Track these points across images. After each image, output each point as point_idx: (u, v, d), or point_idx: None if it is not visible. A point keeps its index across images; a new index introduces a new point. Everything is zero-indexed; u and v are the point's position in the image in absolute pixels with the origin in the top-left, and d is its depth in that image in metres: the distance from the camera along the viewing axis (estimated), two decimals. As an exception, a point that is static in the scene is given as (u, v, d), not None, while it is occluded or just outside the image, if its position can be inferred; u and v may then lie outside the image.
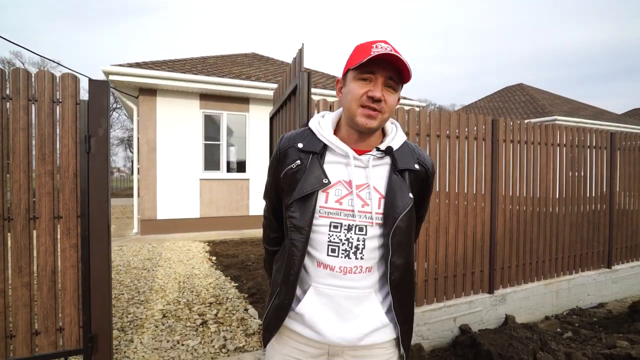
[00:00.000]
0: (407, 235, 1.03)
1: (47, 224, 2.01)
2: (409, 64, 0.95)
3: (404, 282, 1.05)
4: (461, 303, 3.35)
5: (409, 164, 1.06)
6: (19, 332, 1.96)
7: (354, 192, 1.01)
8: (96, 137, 2.07)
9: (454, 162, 3.32)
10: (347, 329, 1.02)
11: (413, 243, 1.10)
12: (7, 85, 1.93)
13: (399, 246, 1.01)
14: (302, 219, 1.01)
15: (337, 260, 1.01)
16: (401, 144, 1.09)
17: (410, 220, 1.04)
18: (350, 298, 1.02)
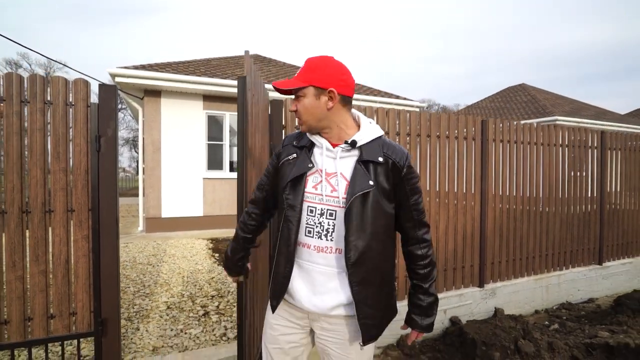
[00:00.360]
0: (367, 219, 1.17)
1: (61, 217, 2.19)
2: (289, 78, 1.25)
3: (362, 263, 1.18)
4: (451, 296, 3.50)
5: (373, 156, 1.21)
6: (36, 315, 2.15)
7: (323, 178, 1.21)
8: (105, 137, 2.25)
9: (444, 160, 3.47)
10: (319, 300, 1.22)
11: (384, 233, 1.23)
12: (25, 89, 2.11)
13: (356, 227, 1.16)
14: (295, 199, 1.23)
15: (312, 240, 1.22)
16: (371, 139, 1.25)
17: (374, 207, 1.19)
18: (323, 274, 1.21)
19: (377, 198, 1.19)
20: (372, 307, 1.22)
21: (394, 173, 1.23)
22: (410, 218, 1.28)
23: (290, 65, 11.73)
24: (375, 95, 10.15)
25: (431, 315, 1.33)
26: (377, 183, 1.20)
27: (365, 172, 1.19)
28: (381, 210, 1.21)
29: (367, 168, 1.20)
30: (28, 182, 2.13)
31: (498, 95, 19.89)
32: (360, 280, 1.19)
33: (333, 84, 1.19)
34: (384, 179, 1.21)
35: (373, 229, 1.19)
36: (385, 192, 1.21)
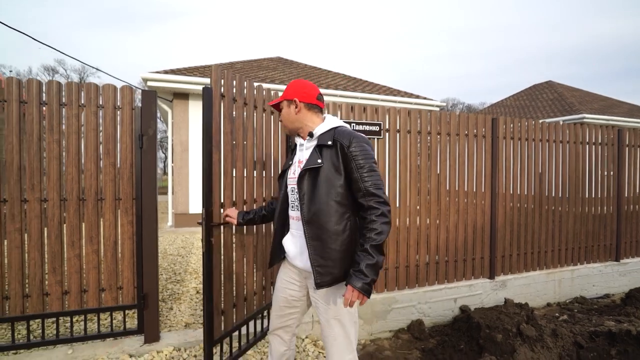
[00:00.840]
0: (318, 190, 1.54)
1: (110, 204, 2.55)
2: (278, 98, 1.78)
3: (312, 222, 1.54)
4: (462, 286, 3.67)
5: (325, 141, 1.58)
6: (90, 288, 2.51)
7: (295, 164, 1.69)
8: (147, 136, 2.59)
9: (455, 157, 3.65)
10: (301, 258, 1.63)
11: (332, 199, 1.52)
12: (81, 95, 2.48)
13: (308, 196, 1.56)
14: (280, 186, 1.79)
15: (293, 212, 1.69)
16: (327, 129, 1.63)
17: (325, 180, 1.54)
18: (301, 237, 1.60)
19: (327, 172, 1.54)
20: (323, 257, 1.51)
21: (341, 152, 1.54)
22: (359, 189, 1.51)
23: (311, 67, 12.03)
24: (394, 95, 10.28)
25: (367, 277, 1.43)
26: (326, 161, 1.54)
27: (318, 154, 1.57)
28: (330, 182, 1.53)
29: (320, 151, 1.58)
30: (84, 175, 2.49)
31: (523, 93, 19.47)
32: (312, 236, 1.53)
33: (296, 95, 1.67)
34: (335, 157, 1.54)
35: (323, 197, 1.52)
36: (335, 167, 1.54)
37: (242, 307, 2.44)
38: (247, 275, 2.46)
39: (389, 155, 3.36)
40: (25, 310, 2.42)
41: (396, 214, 3.38)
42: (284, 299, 1.77)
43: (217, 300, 2.21)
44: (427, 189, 3.52)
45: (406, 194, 3.41)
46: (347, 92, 9.46)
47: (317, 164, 1.54)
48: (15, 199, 2.37)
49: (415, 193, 3.45)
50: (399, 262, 3.40)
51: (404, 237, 3.41)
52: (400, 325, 3.38)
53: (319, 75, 10.95)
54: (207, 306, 2.13)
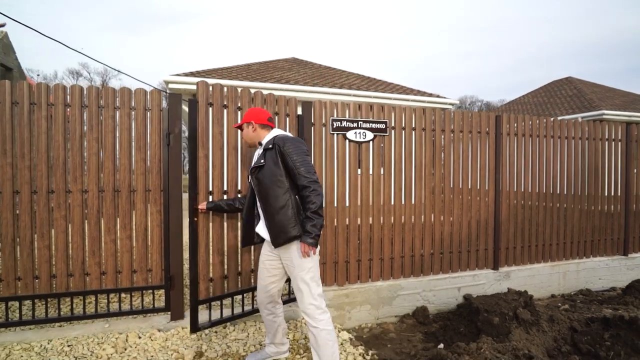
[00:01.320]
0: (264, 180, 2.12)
1: (141, 195, 2.86)
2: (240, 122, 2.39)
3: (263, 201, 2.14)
4: (465, 275, 3.84)
5: (267, 146, 2.19)
6: (123, 269, 2.84)
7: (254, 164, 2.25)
8: (173, 134, 2.89)
9: (458, 152, 3.82)
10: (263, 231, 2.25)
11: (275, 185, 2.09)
12: (116, 99, 2.80)
13: (259, 184, 2.16)
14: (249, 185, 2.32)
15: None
16: (270, 138, 2.24)
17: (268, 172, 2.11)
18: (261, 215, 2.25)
19: (270, 167, 2.12)
20: (273, 224, 2.10)
21: (278, 152, 2.13)
22: (295, 175, 2.08)
23: (326, 67, 12.26)
24: (408, 93, 10.40)
25: (311, 233, 2.01)
26: (268, 160, 2.14)
27: (262, 156, 2.18)
28: (272, 174, 2.11)
29: (264, 154, 2.17)
30: (118, 169, 2.82)
31: (542, 89, 19.17)
32: (265, 212, 2.15)
33: (253, 119, 2.29)
34: (274, 156, 2.13)
35: (268, 184, 2.11)
36: (274, 162, 2.12)
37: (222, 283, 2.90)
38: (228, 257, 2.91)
39: (394, 151, 3.57)
40: (69, 287, 2.76)
41: (401, 208, 3.59)
42: (265, 270, 2.32)
43: (203, 268, 2.74)
44: (431, 184, 3.71)
45: (411, 188, 3.61)
46: (361, 91, 9.64)
47: (260, 163, 2.16)
48: (61, 190, 2.71)
49: (420, 187, 3.65)
50: (405, 252, 3.61)
51: (409, 228, 3.61)
52: (405, 311, 3.59)
53: (333, 75, 11.17)
54: (192, 271, 2.68)
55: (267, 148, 2.18)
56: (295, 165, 2.07)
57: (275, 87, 8.77)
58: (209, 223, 2.78)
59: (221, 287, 2.86)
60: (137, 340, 2.69)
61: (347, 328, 3.30)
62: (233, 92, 2.98)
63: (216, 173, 2.83)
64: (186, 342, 2.71)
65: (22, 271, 2.69)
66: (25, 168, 2.66)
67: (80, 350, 2.55)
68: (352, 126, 3.39)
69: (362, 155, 3.43)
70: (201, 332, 2.83)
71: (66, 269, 2.75)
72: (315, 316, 2.12)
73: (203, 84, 2.77)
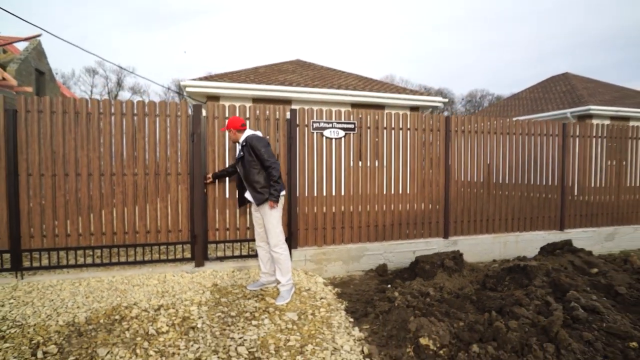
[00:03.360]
0: (245, 165, 3.40)
1: (174, 177, 4.03)
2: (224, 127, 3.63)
3: (246, 179, 3.42)
4: (420, 242, 4.94)
5: (243, 143, 3.45)
6: (162, 230, 4.02)
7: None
8: (197, 134, 4.05)
9: (414, 145, 4.90)
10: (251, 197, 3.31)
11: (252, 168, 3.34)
12: (156, 109, 3.97)
13: (242, 168, 3.46)
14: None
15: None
16: (244, 138, 3.46)
17: (246, 160, 3.39)
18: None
19: (246, 156, 3.37)
20: (254, 192, 3.37)
21: (250, 146, 3.35)
22: (261, 160, 3.31)
23: (327, 69, 13.31)
24: (400, 93, 11.38)
25: (273, 194, 3.27)
26: (245, 152, 3.38)
27: (241, 149, 3.44)
28: (249, 161, 3.36)
29: (242, 148, 3.42)
30: (158, 157, 3.99)
31: (539, 85, 19.82)
32: (248, 184, 3.40)
33: (232, 126, 3.48)
34: (249, 149, 3.36)
35: (247, 168, 3.38)
36: (249, 153, 3.35)
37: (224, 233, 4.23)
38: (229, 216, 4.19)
39: (361, 145, 4.66)
40: (125, 241, 3.97)
41: (366, 187, 4.69)
42: (255, 220, 3.64)
43: (211, 221, 4.10)
44: (391, 171, 4.80)
45: (374, 173, 4.71)
46: (357, 91, 10.68)
47: (240, 154, 3.44)
48: (119, 173, 3.91)
49: (382, 172, 4.75)
50: (370, 222, 4.72)
51: (372, 204, 4.72)
52: (370, 267, 4.71)
53: (333, 76, 12.23)
54: (204, 223, 4.10)
55: (243, 145, 3.42)
56: (260, 153, 3.30)
57: (279, 88, 9.90)
58: (215, 192, 4.08)
59: (224, 235, 4.18)
60: (172, 277, 3.89)
61: (324, 277, 4.43)
62: (231, 108, 4.12)
63: (219, 161, 4.00)
64: (206, 280, 3.88)
65: (95, 229, 3.91)
66: (95, 158, 3.86)
67: (135, 282, 3.75)
68: (327, 126, 4.50)
69: (335, 148, 4.55)
70: (215, 272, 4.01)
71: (123, 228, 3.95)
72: (279, 245, 3.44)
73: (211, 105, 3.96)
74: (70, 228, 3.88)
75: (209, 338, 2.66)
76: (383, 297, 3.46)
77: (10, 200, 3.69)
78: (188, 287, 3.63)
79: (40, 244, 3.80)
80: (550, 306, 2.95)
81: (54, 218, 3.82)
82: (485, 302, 3.21)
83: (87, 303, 3.20)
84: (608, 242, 6.01)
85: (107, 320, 2.90)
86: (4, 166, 3.67)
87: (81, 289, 3.52)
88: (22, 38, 13.38)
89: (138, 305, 3.15)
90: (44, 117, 3.74)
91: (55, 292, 3.43)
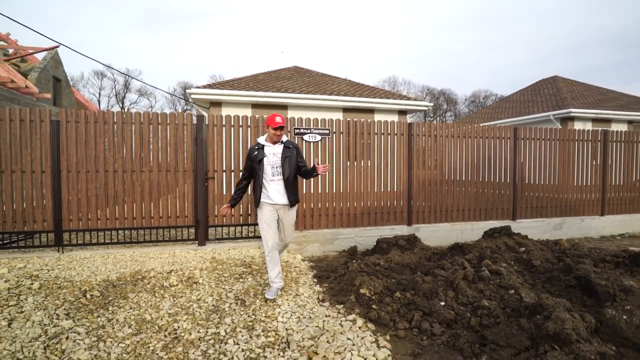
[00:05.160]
0: (289, 166, 3.61)
1: (181, 173, 5.04)
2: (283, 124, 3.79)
3: (289, 184, 3.62)
4: (386, 228, 5.89)
5: (287, 145, 3.70)
6: (171, 215, 5.02)
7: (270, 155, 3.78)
8: (199, 138, 5.05)
9: (380, 147, 5.85)
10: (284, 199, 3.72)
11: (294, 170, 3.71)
12: (167, 119, 4.97)
13: (286, 171, 3.60)
14: (260, 168, 3.66)
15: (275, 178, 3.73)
16: (286, 140, 3.84)
17: (290, 162, 3.65)
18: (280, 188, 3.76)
19: (294, 159, 3.63)
20: (292, 195, 3.63)
21: (296, 148, 3.77)
22: (303, 164, 3.74)
23: (322, 75, 14.29)
24: (389, 97, 12.32)
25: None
26: (290, 154, 3.63)
27: (283, 149, 3.63)
28: (294, 163, 3.66)
29: (287, 149, 3.63)
30: (168, 157, 4.99)
31: (529, 88, 20.63)
32: (289, 186, 3.59)
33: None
34: (294, 152, 3.66)
35: (292, 169, 3.62)
36: (293, 156, 3.72)
37: (222, 219, 5.02)
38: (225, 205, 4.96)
39: (335, 147, 5.62)
40: (143, 224, 4.98)
41: (340, 183, 5.65)
42: (273, 220, 3.58)
43: (211, 209, 5.05)
44: (360, 167, 5.76)
45: (347, 170, 5.67)
46: (348, 97, 11.64)
47: (285, 155, 3.57)
48: (137, 170, 4.91)
49: (352, 170, 5.71)
50: (343, 211, 5.69)
51: (345, 196, 5.68)
52: (343, 248, 5.68)
53: (327, 82, 13.20)
54: (205, 210, 4.89)
55: (288, 146, 3.60)
56: (302, 158, 3.72)
57: (276, 95, 10.90)
58: (214, 187, 5.02)
59: (221, 220, 5.13)
60: (180, 253, 4.88)
61: (303, 255, 5.40)
62: (227, 118, 5.12)
63: (217, 161, 4.98)
64: (207, 255, 4.87)
65: (119, 215, 4.92)
66: (119, 158, 4.87)
67: (151, 256, 4.75)
68: (307, 132, 5.47)
69: (313, 151, 5.52)
70: (214, 250, 5.00)
71: (141, 214, 4.96)
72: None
73: (212, 115, 4.92)
74: (100, 214, 4.90)
75: (207, 288, 3.65)
76: (345, 267, 4.43)
77: (55, 191, 4.72)
78: (192, 259, 4.62)
79: (77, 225, 4.82)
80: (466, 270, 3.89)
81: (87, 205, 4.83)
82: (420, 269, 4.16)
83: (115, 269, 4.20)
84: (557, 231, 6.91)
85: (132, 278, 3.89)
86: (50, 165, 4.70)
87: (109, 260, 4.53)
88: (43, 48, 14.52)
89: (154, 270, 4.14)
90: (79, 126, 4.76)
91: (89, 262, 4.44)
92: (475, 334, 2.83)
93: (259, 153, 3.59)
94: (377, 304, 3.36)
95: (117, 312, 3.13)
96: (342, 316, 3.17)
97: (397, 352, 2.64)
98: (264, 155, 3.57)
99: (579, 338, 2.40)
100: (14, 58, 13.07)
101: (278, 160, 3.57)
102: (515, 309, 3.04)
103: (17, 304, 3.23)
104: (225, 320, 3.00)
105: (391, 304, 3.32)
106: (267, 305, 3.33)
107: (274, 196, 3.56)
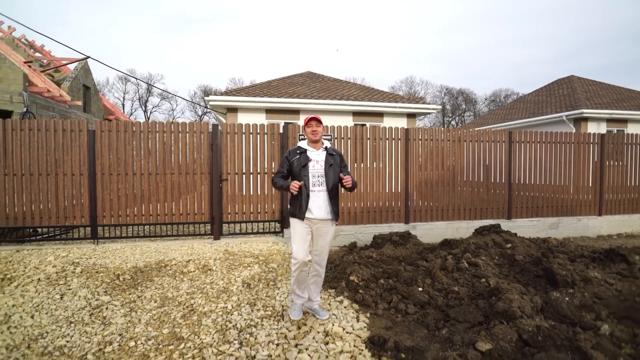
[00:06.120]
0: (333, 176, 3.12)
1: (199, 175, 5.70)
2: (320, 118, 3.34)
3: (333, 195, 3.14)
4: (384, 226, 6.38)
5: (331, 152, 3.20)
6: (190, 212, 5.69)
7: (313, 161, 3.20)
8: (215, 144, 5.70)
9: (379, 150, 6.35)
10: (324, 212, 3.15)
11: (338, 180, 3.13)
12: (187, 127, 5.64)
13: (330, 180, 3.11)
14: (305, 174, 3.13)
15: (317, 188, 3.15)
16: (328, 146, 3.30)
17: (334, 170, 3.13)
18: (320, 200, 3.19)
19: (335, 167, 3.12)
20: (334, 207, 3.11)
21: (339, 156, 3.23)
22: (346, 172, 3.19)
23: (334, 80, 14.83)
24: (397, 101, 12.74)
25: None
26: (335, 161, 3.14)
27: (328, 156, 3.14)
28: (336, 171, 3.13)
29: (330, 156, 3.14)
30: (188, 161, 5.66)
31: (544, 88, 20.53)
32: (332, 197, 3.10)
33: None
34: (336, 158, 3.17)
35: (335, 179, 3.12)
36: (337, 164, 3.15)
37: (234, 216, 5.61)
38: (238, 204, 5.57)
39: (337, 151, 6.16)
40: (165, 220, 5.66)
41: (341, 183, 6.19)
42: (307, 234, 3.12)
43: (225, 206, 5.65)
44: (361, 169, 6.28)
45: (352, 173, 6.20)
46: (357, 101, 12.14)
47: (332, 162, 3.12)
48: (161, 173, 5.60)
49: (354, 172, 6.23)
50: (344, 210, 6.22)
51: (346, 196, 6.21)
52: (344, 243, 6.21)
53: (338, 87, 13.74)
54: (220, 208, 5.35)
55: (331, 153, 3.15)
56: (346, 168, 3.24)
57: (289, 101, 11.52)
58: (228, 188, 5.62)
59: (234, 217, 5.70)
60: (197, 246, 5.53)
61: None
62: (239, 126, 5.74)
63: (230, 164, 5.61)
64: (221, 247, 5.51)
65: (145, 212, 5.63)
66: (145, 162, 5.58)
67: (172, 248, 5.42)
68: (310, 138, 6.03)
69: (317, 154, 6.08)
70: (227, 243, 5.63)
71: (163, 211, 5.65)
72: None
73: (225, 124, 5.52)
74: (129, 211, 5.62)
75: (219, 274, 4.27)
76: (341, 259, 4.96)
77: (91, 191, 5.47)
78: (208, 251, 5.26)
79: (109, 221, 5.55)
80: (446, 261, 4.36)
81: (118, 204, 5.56)
82: (407, 260, 4.65)
83: (142, 258, 4.88)
84: (552, 230, 7.20)
85: (157, 266, 4.56)
86: (87, 168, 5.44)
87: (137, 251, 5.22)
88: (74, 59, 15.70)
89: (175, 259, 4.80)
90: (112, 135, 5.49)
91: (120, 252, 5.15)
92: (441, 312, 3.32)
93: (302, 157, 3.16)
94: (363, 289, 3.88)
95: (145, 291, 3.79)
96: (332, 298, 3.71)
97: (373, 325, 3.16)
98: (309, 160, 3.14)
99: (523, 314, 2.86)
100: (50, 69, 14.20)
101: (321, 168, 3.12)
102: (480, 293, 3.50)
103: (65, 283, 3.93)
104: (232, 298, 3.60)
105: (375, 289, 3.83)
106: (268, 288, 3.91)
107: (314, 209, 3.09)
